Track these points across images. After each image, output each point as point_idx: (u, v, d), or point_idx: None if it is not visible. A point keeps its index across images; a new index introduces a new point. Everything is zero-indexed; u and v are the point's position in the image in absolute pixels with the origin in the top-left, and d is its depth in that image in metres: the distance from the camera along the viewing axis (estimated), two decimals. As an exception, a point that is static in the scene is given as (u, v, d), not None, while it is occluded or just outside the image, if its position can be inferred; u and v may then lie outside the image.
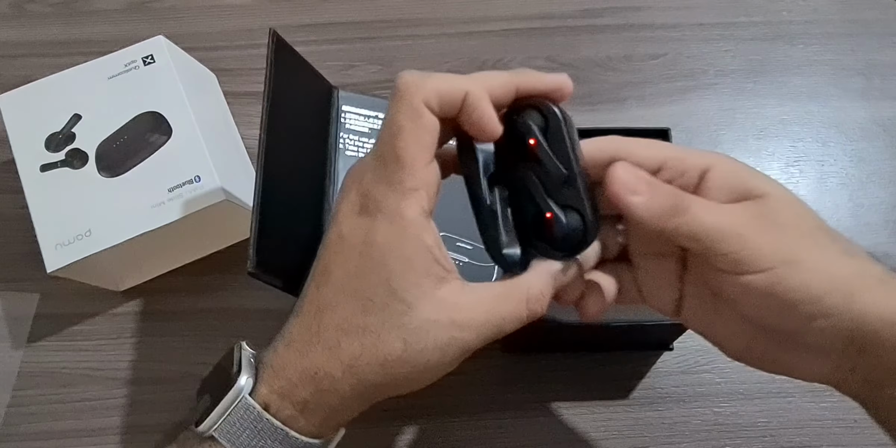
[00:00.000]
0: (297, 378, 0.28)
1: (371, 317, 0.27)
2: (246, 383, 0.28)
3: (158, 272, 0.48)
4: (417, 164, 0.26)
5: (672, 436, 0.42)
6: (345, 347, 0.27)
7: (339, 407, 0.28)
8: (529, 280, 0.29)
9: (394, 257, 0.27)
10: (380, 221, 0.27)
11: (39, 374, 0.46)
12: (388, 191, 0.27)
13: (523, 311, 0.28)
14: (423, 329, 0.27)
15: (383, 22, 0.58)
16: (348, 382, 0.27)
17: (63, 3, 0.59)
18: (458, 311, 0.27)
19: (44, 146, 0.44)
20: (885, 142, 0.52)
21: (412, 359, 0.27)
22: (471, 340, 0.27)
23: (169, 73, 0.46)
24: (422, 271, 0.27)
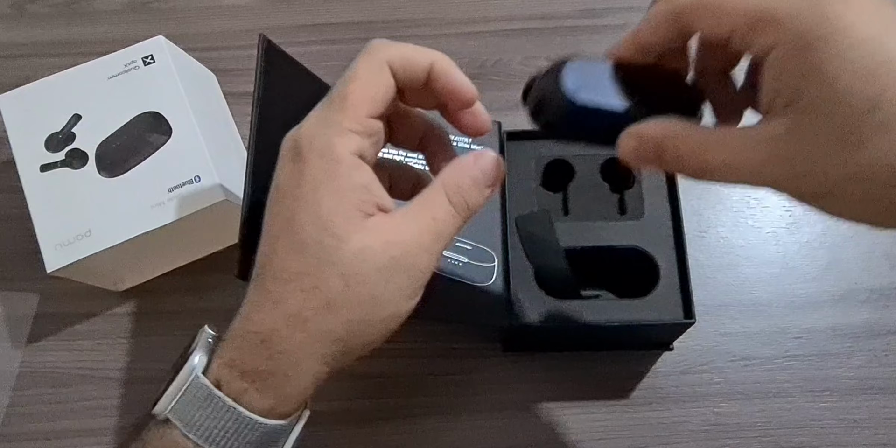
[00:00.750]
0: (245, 345, 0.27)
1: (306, 258, 0.26)
2: (199, 361, 0.27)
3: (158, 272, 0.48)
4: (361, 109, 0.26)
5: (672, 436, 0.42)
6: (287, 298, 0.26)
7: (294, 374, 0.27)
8: (443, 175, 0.28)
9: (324, 193, 0.26)
10: (312, 160, 0.26)
11: (39, 374, 0.46)
12: (324, 130, 0.26)
13: (447, 205, 0.27)
14: (358, 258, 0.26)
15: (383, 22, 0.58)
16: (298, 338, 0.26)
17: (63, 3, 0.59)
18: (389, 231, 0.26)
19: (44, 146, 0.44)
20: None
21: (357, 294, 0.26)
22: (413, 255, 0.26)
23: (169, 73, 0.46)
24: (352, 205, 0.26)
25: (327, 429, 0.43)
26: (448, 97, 0.28)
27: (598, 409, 0.43)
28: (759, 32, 0.22)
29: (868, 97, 0.20)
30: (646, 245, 0.41)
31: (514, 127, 0.45)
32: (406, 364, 0.45)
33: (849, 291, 0.46)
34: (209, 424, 0.26)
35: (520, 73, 0.55)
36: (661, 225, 0.42)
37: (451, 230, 0.28)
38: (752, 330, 0.45)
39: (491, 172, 0.29)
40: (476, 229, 0.41)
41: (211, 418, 0.26)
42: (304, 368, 0.27)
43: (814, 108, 0.21)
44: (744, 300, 0.46)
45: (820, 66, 0.21)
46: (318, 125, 0.27)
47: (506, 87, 0.54)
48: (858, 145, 0.21)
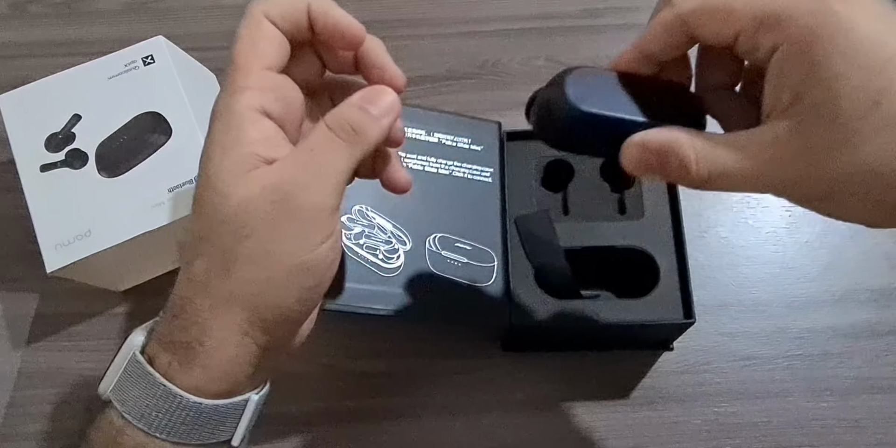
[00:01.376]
0: (166, 317, 0.26)
1: (202, 221, 0.26)
2: (138, 339, 0.27)
3: (158, 272, 0.48)
4: (251, 66, 0.26)
5: (672, 436, 0.42)
6: (193, 264, 0.26)
7: (211, 344, 0.25)
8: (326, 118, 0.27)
9: (214, 150, 0.26)
10: (213, 122, 0.26)
11: (39, 375, 0.46)
12: (222, 93, 0.27)
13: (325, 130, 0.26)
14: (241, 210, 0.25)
15: (382, 22, 0.58)
16: (205, 304, 0.25)
17: (63, 3, 0.59)
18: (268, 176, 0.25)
19: (44, 146, 0.44)
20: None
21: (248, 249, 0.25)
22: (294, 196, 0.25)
23: (169, 74, 0.46)
24: (238, 160, 0.25)
25: (327, 428, 0.43)
26: (335, 39, 0.28)
27: (598, 409, 0.43)
28: (764, 33, 0.22)
29: (871, 94, 0.20)
30: (646, 245, 0.41)
31: (514, 127, 0.45)
32: (406, 364, 0.45)
33: (849, 291, 0.46)
34: (143, 403, 0.25)
35: (520, 73, 0.55)
36: (661, 225, 0.42)
37: (335, 158, 0.26)
38: (752, 330, 0.45)
39: (380, 101, 0.27)
40: (476, 229, 0.41)
41: (145, 397, 0.25)
42: (217, 336, 0.25)
43: (816, 108, 0.21)
44: (744, 300, 0.46)
45: (823, 64, 0.21)
46: (220, 90, 0.27)
47: (506, 87, 0.54)
48: (861, 144, 0.20)
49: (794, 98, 0.22)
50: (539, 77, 0.55)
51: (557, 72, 0.27)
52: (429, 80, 0.55)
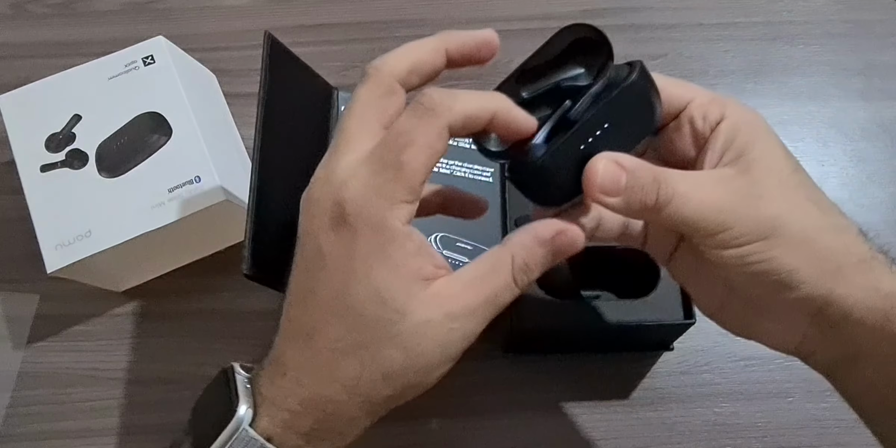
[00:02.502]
0: (299, 408, 0.27)
1: (365, 332, 0.26)
2: (246, 414, 0.27)
3: (159, 273, 0.48)
4: (417, 179, 0.25)
5: (672, 436, 0.42)
6: (344, 369, 0.26)
7: (347, 428, 0.28)
8: (512, 248, 0.27)
9: (379, 268, 0.26)
10: (363, 232, 0.25)
11: (39, 375, 0.46)
12: (376, 199, 0.25)
13: (511, 282, 0.27)
14: (419, 332, 0.26)
15: (383, 22, 0.58)
16: (355, 403, 0.27)
17: (63, 3, 0.59)
18: (450, 303, 0.26)
19: (44, 146, 0.44)
20: (885, 142, 0.52)
21: (415, 364, 0.26)
22: (471, 327, 0.27)
23: (169, 74, 0.46)
24: (409, 277, 0.26)
25: (328, 429, 0.43)
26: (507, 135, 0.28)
27: (598, 410, 0.43)
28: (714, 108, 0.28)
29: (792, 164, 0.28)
30: None
31: (515, 127, 0.45)
32: (406, 364, 0.45)
33: (849, 291, 0.46)
34: None
35: (520, 74, 0.55)
36: None
37: (507, 302, 0.27)
38: (752, 330, 0.45)
39: (565, 250, 0.28)
40: (476, 229, 0.41)
41: None
42: (357, 424, 0.28)
43: (759, 161, 0.27)
44: (744, 300, 0.46)
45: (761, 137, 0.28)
46: (369, 193, 0.25)
47: (506, 87, 0.54)
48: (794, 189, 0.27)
49: (738, 155, 0.28)
50: (539, 77, 0.55)
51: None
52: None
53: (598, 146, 0.27)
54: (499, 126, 0.27)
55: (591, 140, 0.27)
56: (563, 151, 0.27)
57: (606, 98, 0.27)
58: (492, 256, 0.27)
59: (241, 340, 0.46)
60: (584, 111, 0.27)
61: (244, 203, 0.44)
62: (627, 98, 0.27)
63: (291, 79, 0.41)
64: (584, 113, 0.27)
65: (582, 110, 0.27)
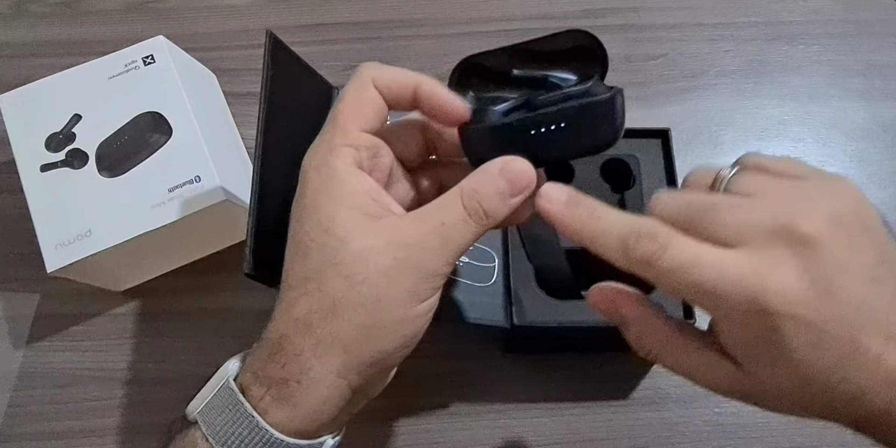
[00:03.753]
0: (263, 352, 0.27)
1: (309, 262, 0.26)
2: (232, 367, 0.28)
3: (158, 272, 0.48)
4: (350, 126, 0.28)
5: (672, 436, 0.42)
6: (295, 304, 0.26)
7: (307, 382, 0.26)
8: (462, 183, 0.27)
9: (323, 199, 0.27)
10: (311, 176, 0.27)
11: (39, 375, 0.46)
12: (320, 148, 0.28)
13: (460, 210, 0.27)
14: (361, 258, 0.26)
15: (383, 22, 0.58)
16: (306, 344, 0.26)
17: (63, 3, 0.59)
18: (395, 233, 0.26)
19: (44, 146, 0.44)
20: (885, 142, 0.52)
21: (360, 295, 0.25)
22: (417, 257, 0.26)
23: (169, 73, 0.46)
24: (355, 206, 0.27)
25: (328, 429, 0.43)
26: (437, 117, 0.29)
27: (598, 410, 0.43)
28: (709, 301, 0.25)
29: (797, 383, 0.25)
30: None
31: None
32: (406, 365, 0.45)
33: (849, 291, 0.46)
34: (228, 431, 0.26)
35: (520, 73, 0.55)
36: None
37: (462, 236, 0.27)
38: (752, 330, 0.45)
39: (519, 181, 0.27)
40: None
41: (231, 424, 0.26)
42: (316, 376, 0.26)
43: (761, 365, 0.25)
44: (744, 300, 0.46)
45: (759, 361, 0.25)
46: (316, 146, 0.28)
47: (506, 87, 0.54)
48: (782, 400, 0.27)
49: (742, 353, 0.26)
50: (539, 77, 0.55)
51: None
52: (429, 81, 0.55)
53: (545, 139, 0.28)
54: (425, 100, 0.28)
55: (542, 130, 0.27)
56: (512, 127, 0.28)
57: (575, 101, 0.27)
58: (443, 195, 0.27)
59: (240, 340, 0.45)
60: (549, 103, 0.27)
61: (244, 203, 0.44)
62: (593, 111, 0.27)
63: (292, 77, 0.41)
64: (548, 104, 0.27)
65: (548, 102, 0.27)
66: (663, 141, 0.44)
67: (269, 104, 0.37)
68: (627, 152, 0.44)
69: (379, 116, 0.29)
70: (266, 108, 0.37)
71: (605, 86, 0.29)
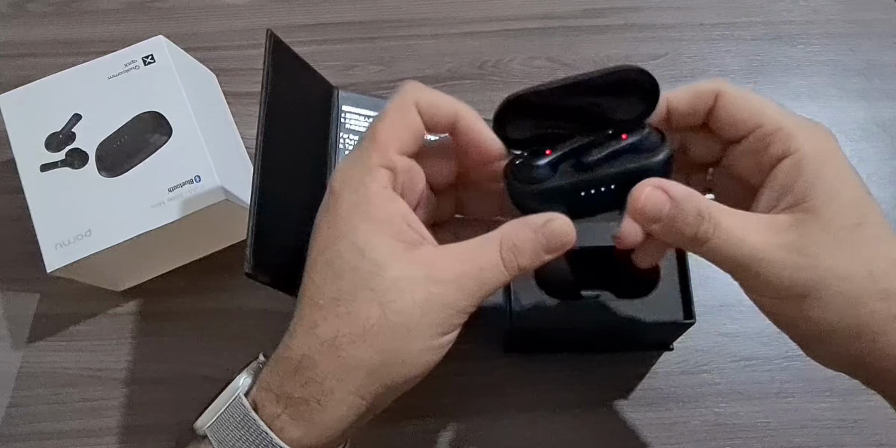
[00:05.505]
0: (281, 369, 0.27)
1: (341, 283, 0.26)
2: (243, 383, 0.27)
3: (158, 272, 0.48)
4: (389, 146, 0.27)
5: (672, 436, 0.42)
6: (321, 324, 0.26)
7: (327, 402, 0.26)
8: (503, 230, 0.28)
9: (358, 221, 0.26)
10: (345, 195, 0.27)
11: (39, 375, 0.46)
12: (355, 167, 0.27)
13: (497, 260, 0.27)
14: (397, 287, 0.26)
15: (383, 22, 0.58)
16: (331, 365, 0.26)
17: (63, 2, 0.59)
18: (433, 267, 0.26)
19: (44, 146, 0.44)
20: (885, 142, 0.52)
21: (392, 323, 0.25)
22: (452, 295, 0.26)
23: (169, 73, 0.46)
24: (392, 233, 0.26)
25: (327, 429, 0.43)
26: (471, 151, 0.29)
27: (598, 410, 0.43)
28: (778, 141, 0.27)
29: (855, 216, 0.26)
30: None
31: (515, 127, 0.45)
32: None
33: (849, 292, 0.46)
34: (241, 446, 0.26)
35: (521, 74, 0.55)
36: None
37: (495, 283, 0.27)
38: (752, 330, 0.45)
39: (556, 240, 0.28)
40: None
41: (243, 441, 0.26)
42: (337, 398, 0.26)
43: (817, 212, 0.26)
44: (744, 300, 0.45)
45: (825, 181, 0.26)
46: (350, 163, 0.28)
47: (506, 87, 0.54)
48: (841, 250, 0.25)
49: (798, 200, 0.26)
50: (540, 77, 0.55)
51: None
52: (430, 81, 0.55)
53: (595, 198, 0.28)
54: (463, 133, 0.29)
55: (592, 192, 0.28)
56: (562, 190, 0.28)
57: (624, 164, 0.28)
58: (482, 237, 0.28)
59: (240, 340, 0.45)
60: (599, 164, 0.28)
61: (244, 203, 0.44)
62: (643, 174, 0.28)
63: (293, 77, 0.41)
64: (601, 163, 0.28)
65: (600, 160, 0.28)
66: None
67: (269, 104, 0.37)
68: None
69: (417, 140, 0.28)
70: (266, 108, 0.37)
71: (657, 133, 0.29)
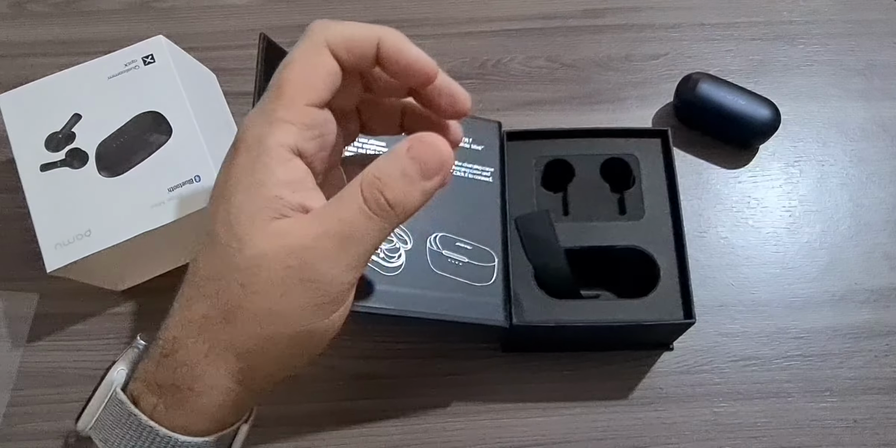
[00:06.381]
0: (154, 355, 0.25)
1: (213, 260, 0.24)
2: (118, 375, 0.25)
3: (158, 272, 0.48)
4: (297, 98, 0.24)
5: (672, 436, 0.42)
6: (193, 304, 0.24)
7: (200, 389, 0.24)
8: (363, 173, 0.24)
9: (240, 188, 0.23)
10: (241, 152, 0.24)
11: (39, 374, 0.46)
12: (257, 119, 0.24)
13: (359, 202, 0.23)
14: (253, 265, 0.23)
15: (383, 22, 0.56)
16: (199, 349, 0.24)
17: (63, 2, 0.59)
18: (289, 235, 0.23)
19: (44, 146, 0.44)
20: (885, 142, 0.52)
21: (254, 305, 0.23)
22: (311, 266, 0.23)
23: (169, 73, 0.46)
24: (263, 204, 0.23)
25: (327, 429, 0.43)
26: (406, 76, 0.25)
27: (598, 410, 0.43)
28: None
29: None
30: (646, 245, 0.41)
31: (515, 127, 0.45)
32: (406, 364, 0.45)
33: (849, 292, 0.46)
34: (129, 444, 0.24)
35: (521, 74, 0.55)
36: (661, 225, 0.42)
37: (364, 233, 0.23)
38: (752, 330, 0.45)
39: (430, 161, 0.23)
40: (477, 229, 0.41)
41: (129, 437, 0.24)
42: (209, 383, 0.24)
43: None
44: (744, 300, 0.46)
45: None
46: (255, 115, 0.24)
47: (506, 87, 0.54)
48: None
49: None
50: (540, 77, 0.55)
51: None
52: (429, 80, 0.55)
53: None
54: (390, 58, 0.25)
55: None
56: None
57: None
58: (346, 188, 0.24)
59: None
60: None
61: (244, 202, 0.44)
62: None
63: None
64: None
65: None
66: (663, 141, 0.44)
67: None
68: (627, 152, 0.44)
69: (331, 86, 0.25)
70: None
71: None
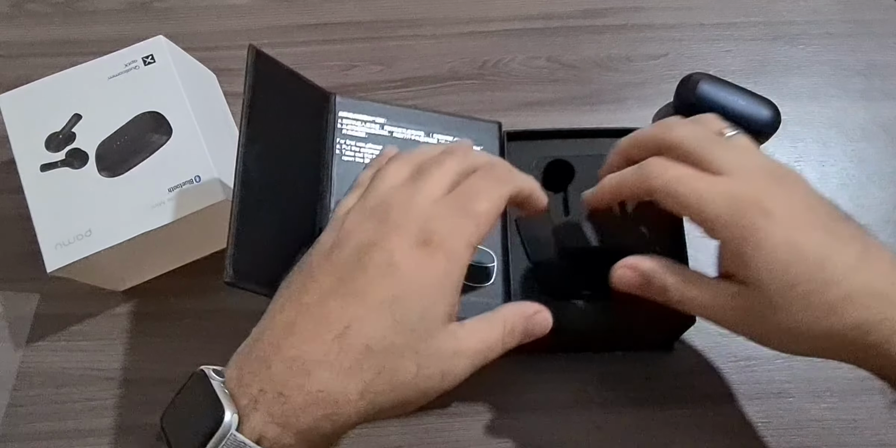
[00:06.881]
0: (302, 402, 0.27)
1: (400, 338, 0.29)
2: (232, 419, 0.27)
3: (159, 272, 0.48)
4: (488, 229, 0.32)
5: (672, 436, 0.42)
6: (367, 368, 0.28)
7: (338, 431, 0.29)
8: (505, 315, 0.33)
9: (437, 291, 0.30)
10: (438, 259, 0.30)
11: (39, 374, 0.46)
12: (458, 238, 0.31)
13: (501, 339, 0.32)
14: (434, 356, 0.30)
15: (383, 22, 0.58)
16: (360, 406, 0.28)
17: (63, 2, 0.59)
18: (459, 342, 0.31)
19: (44, 146, 0.44)
20: (885, 142, 0.52)
21: (419, 383, 0.29)
22: (464, 368, 0.31)
23: (169, 73, 0.46)
24: (447, 307, 0.30)
25: (327, 429, 0.43)
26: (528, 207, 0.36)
27: (598, 411, 0.43)
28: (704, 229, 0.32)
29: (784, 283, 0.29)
30: (645, 245, 0.41)
31: (515, 127, 0.45)
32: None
33: (849, 292, 0.46)
34: None
35: (521, 74, 0.55)
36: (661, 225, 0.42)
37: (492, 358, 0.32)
38: (752, 330, 0.45)
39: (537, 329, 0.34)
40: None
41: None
42: (346, 429, 0.29)
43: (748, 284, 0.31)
44: (744, 300, 0.46)
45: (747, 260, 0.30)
46: (455, 231, 0.31)
47: (506, 87, 0.54)
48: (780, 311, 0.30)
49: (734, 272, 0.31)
50: (540, 77, 0.55)
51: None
52: (430, 81, 0.55)
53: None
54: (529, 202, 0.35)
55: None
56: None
57: None
58: (492, 317, 0.33)
59: (240, 340, 0.45)
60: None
61: (244, 203, 0.44)
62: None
63: (279, 89, 0.40)
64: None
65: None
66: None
67: (250, 116, 0.36)
68: (627, 152, 0.44)
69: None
70: (247, 120, 0.36)
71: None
